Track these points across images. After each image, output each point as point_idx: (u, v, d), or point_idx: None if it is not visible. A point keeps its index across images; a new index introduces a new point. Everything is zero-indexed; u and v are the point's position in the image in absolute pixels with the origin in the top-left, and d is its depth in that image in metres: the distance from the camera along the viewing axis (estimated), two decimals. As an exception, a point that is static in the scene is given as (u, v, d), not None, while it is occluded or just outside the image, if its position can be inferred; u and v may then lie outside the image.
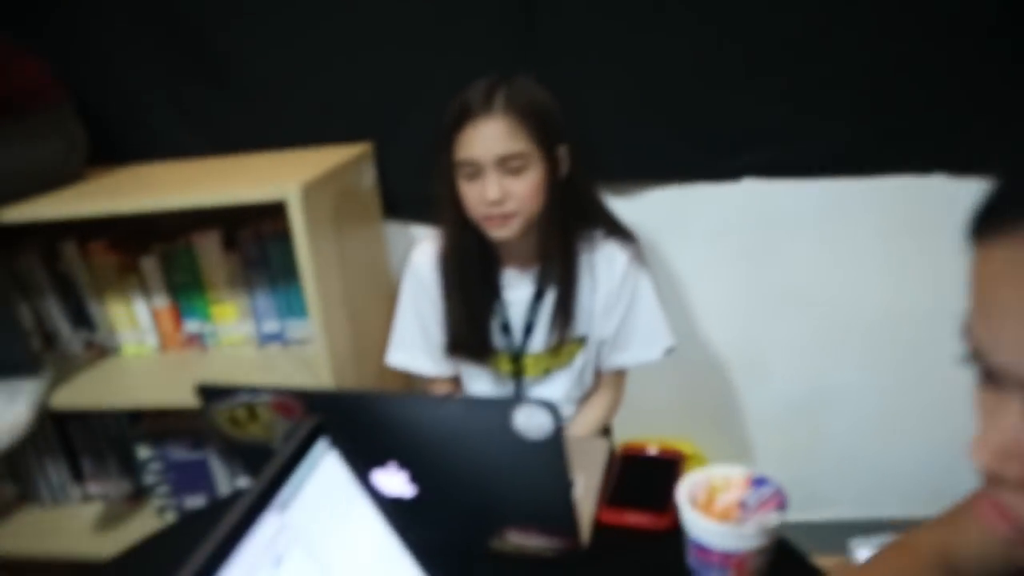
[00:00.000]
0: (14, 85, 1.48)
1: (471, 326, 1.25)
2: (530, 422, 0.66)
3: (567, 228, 1.19)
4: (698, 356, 1.80)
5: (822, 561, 0.82)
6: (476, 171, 1.12)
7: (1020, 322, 0.38)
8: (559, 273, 1.20)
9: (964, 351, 0.43)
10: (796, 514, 1.86)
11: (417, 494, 0.77)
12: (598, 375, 1.34)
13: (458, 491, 0.76)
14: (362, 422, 0.72)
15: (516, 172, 1.11)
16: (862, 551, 1.60)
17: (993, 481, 0.42)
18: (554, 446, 0.68)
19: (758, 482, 0.78)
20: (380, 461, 0.75)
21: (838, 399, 1.79)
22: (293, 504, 0.60)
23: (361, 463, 0.68)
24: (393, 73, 1.60)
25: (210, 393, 0.76)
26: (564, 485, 0.73)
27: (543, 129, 1.12)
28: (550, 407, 0.65)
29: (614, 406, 1.36)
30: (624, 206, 1.68)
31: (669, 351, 1.27)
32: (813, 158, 1.57)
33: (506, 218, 1.13)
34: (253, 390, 0.74)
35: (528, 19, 1.52)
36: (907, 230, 1.60)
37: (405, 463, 0.75)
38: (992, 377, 0.41)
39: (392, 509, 0.69)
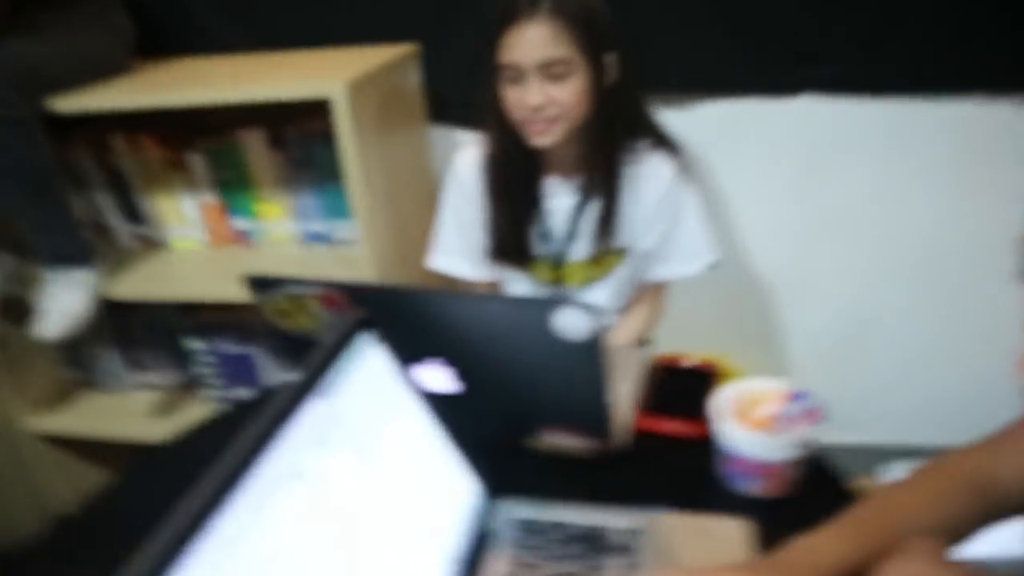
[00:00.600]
0: None
1: (513, 232, 1.24)
2: (570, 323, 0.66)
3: (612, 138, 1.16)
4: (744, 275, 1.78)
5: (858, 484, 0.82)
6: (518, 75, 1.09)
7: None
8: (602, 184, 1.18)
9: (1019, 263, 0.41)
10: (845, 436, 1.88)
11: (460, 390, 0.79)
12: (639, 287, 1.33)
13: (498, 389, 0.78)
14: (407, 318, 0.73)
15: (559, 78, 1.08)
16: (891, 476, 1.61)
17: None
18: (592, 348, 0.68)
19: (797, 396, 0.78)
20: (423, 357, 0.77)
21: (884, 325, 1.77)
22: (338, 392, 0.62)
23: (405, 358, 0.69)
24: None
25: (258, 283, 0.77)
26: (600, 387, 0.74)
27: (589, 35, 1.07)
28: (591, 309, 0.65)
29: (654, 319, 1.36)
30: (676, 119, 1.62)
31: (712, 266, 1.25)
32: (874, 76, 1.50)
33: (548, 124, 1.11)
34: (300, 282, 0.75)
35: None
36: (965, 159, 1.55)
37: (448, 359, 0.77)
38: None
39: (435, 403, 0.70)
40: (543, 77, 1.08)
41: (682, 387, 0.96)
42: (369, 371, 0.66)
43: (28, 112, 1.35)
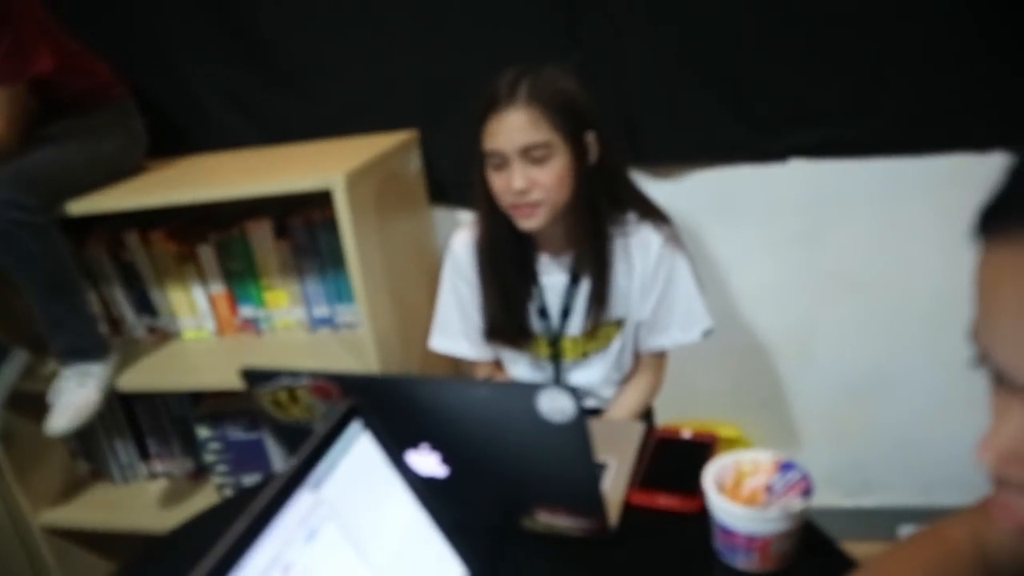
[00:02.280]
0: (84, 83, 1.57)
1: (507, 313, 1.27)
2: (553, 406, 0.68)
3: (598, 214, 1.20)
4: (746, 339, 1.79)
5: (871, 548, 0.81)
6: (502, 161, 1.13)
7: (1017, 327, 0.37)
8: (592, 260, 1.21)
9: (974, 353, 0.42)
10: (847, 499, 1.85)
11: (449, 474, 0.80)
12: (638, 357, 1.35)
13: (488, 472, 0.79)
14: (395, 405, 0.75)
15: (540, 161, 1.12)
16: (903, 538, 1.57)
17: (998, 483, 0.42)
18: (577, 430, 0.69)
19: (786, 467, 0.78)
20: (413, 443, 0.79)
21: (891, 383, 1.75)
22: (327, 482, 0.64)
23: (395, 444, 0.71)
24: (437, 61, 1.63)
25: (253, 377, 0.80)
26: (589, 467, 0.75)
27: (568, 118, 1.12)
28: (571, 392, 0.67)
29: (654, 388, 1.36)
30: (671, 188, 1.68)
31: (707, 333, 1.26)
32: (864, 138, 1.53)
33: (533, 208, 1.14)
34: (293, 374, 0.78)
35: (571, 3, 1.52)
36: (962, 210, 1.54)
37: (437, 445, 0.78)
38: (999, 379, 0.41)
39: (425, 488, 0.72)
40: (525, 161, 1.12)
41: (681, 459, 0.97)
42: (359, 459, 0.68)
43: (48, 217, 1.42)
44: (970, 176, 1.52)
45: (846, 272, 1.68)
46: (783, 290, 1.73)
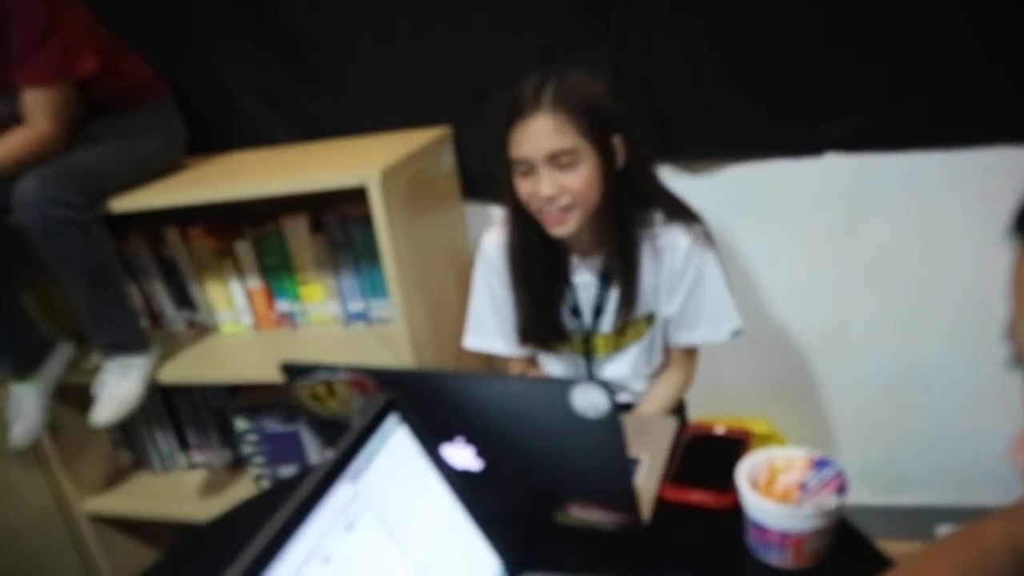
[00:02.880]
0: (125, 83, 1.61)
1: (539, 316, 1.27)
2: (586, 402, 0.69)
3: (625, 217, 1.19)
4: (779, 335, 1.78)
5: (907, 547, 0.81)
6: (529, 168, 1.13)
7: None
8: (620, 262, 1.20)
9: (1010, 353, 0.42)
10: (884, 497, 1.83)
11: (484, 468, 0.81)
12: (668, 352, 1.35)
13: (522, 466, 0.80)
14: (431, 399, 0.76)
15: (568, 167, 1.11)
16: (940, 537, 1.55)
17: None
18: (610, 425, 0.70)
19: (820, 464, 0.78)
20: (449, 436, 0.80)
21: (927, 378, 1.73)
22: (365, 475, 0.65)
23: (431, 438, 0.72)
24: (470, 58, 1.64)
25: (292, 371, 0.82)
26: (622, 463, 0.76)
27: (593, 122, 1.11)
28: (605, 387, 0.67)
29: (685, 383, 1.36)
30: (704, 183, 1.67)
31: (736, 334, 1.25)
32: (898, 131, 1.52)
33: (563, 213, 1.14)
34: (331, 368, 0.79)
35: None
36: (997, 203, 1.52)
37: (472, 439, 0.79)
38: None
39: (460, 481, 0.73)
40: (553, 168, 1.11)
41: (714, 455, 0.97)
42: (396, 452, 0.69)
43: (92, 215, 1.46)
44: (1006, 169, 1.50)
45: (880, 266, 1.66)
46: (817, 285, 1.72)
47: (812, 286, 1.72)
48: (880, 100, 1.49)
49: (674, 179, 1.68)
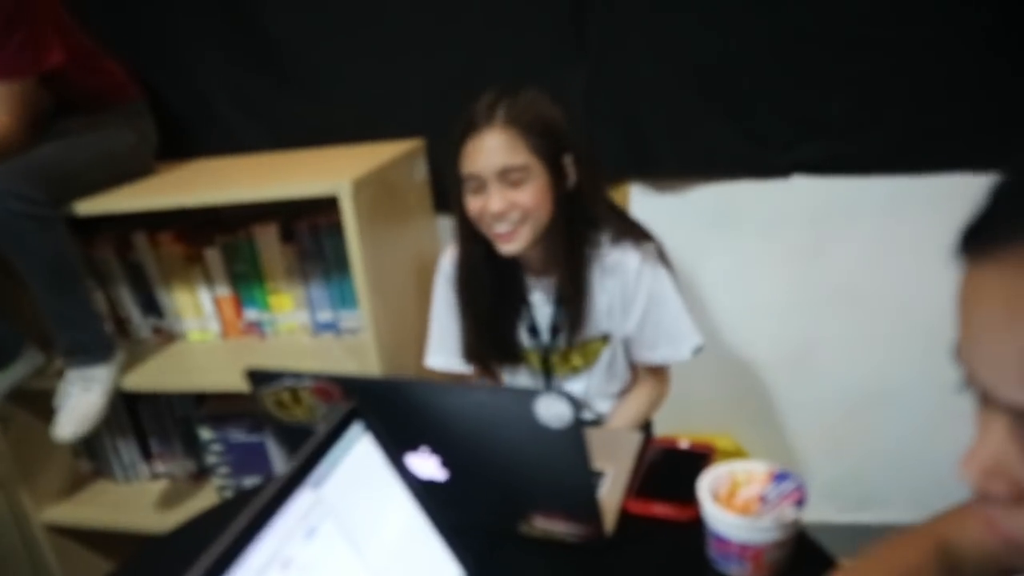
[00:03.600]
0: (99, 82, 1.60)
1: (481, 336, 1.28)
2: (550, 412, 0.69)
3: (574, 238, 1.19)
4: (746, 353, 1.80)
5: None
6: (480, 185, 1.13)
7: (999, 343, 0.38)
8: (570, 282, 1.21)
9: (960, 375, 0.43)
10: (849, 515, 1.85)
11: (448, 477, 0.81)
12: (634, 369, 1.35)
13: (487, 476, 0.80)
14: (396, 407, 0.76)
15: (518, 184, 1.12)
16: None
17: (981, 497, 0.43)
18: (574, 436, 0.71)
19: (780, 477, 0.79)
20: (413, 445, 0.80)
21: (891, 398, 1.76)
22: (327, 482, 0.65)
23: (395, 446, 0.72)
24: (445, 71, 1.65)
25: (258, 377, 0.81)
26: (586, 474, 0.76)
27: (546, 141, 1.12)
28: (569, 398, 0.68)
29: (656, 400, 1.37)
30: (673, 202, 1.69)
31: (697, 351, 1.26)
32: (866, 155, 1.55)
33: (513, 231, 1.14)
34: (296, 375, 0.79)
35: (578, 15, 1.54)
36: (959, 227, 1.56)
37: (436, 447, 0.79)
38: (983, 396, 0.42)
39: (423, 491, 0.73)
40: (503, 184, 1.12)
41: (677, 469, 0.97)
42: (359, 460, 0.69)
43: (54, 211, 1.43)
44: (971, 195, 1.53)
45: (846, 287, 1.69)
46: (783, 304, 1.75)
47: (780, 305, 1.75)
48: (849, 124, 1.53)
49: (646, 197, 1.70)
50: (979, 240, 0.40)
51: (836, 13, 1.44)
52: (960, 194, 1.51)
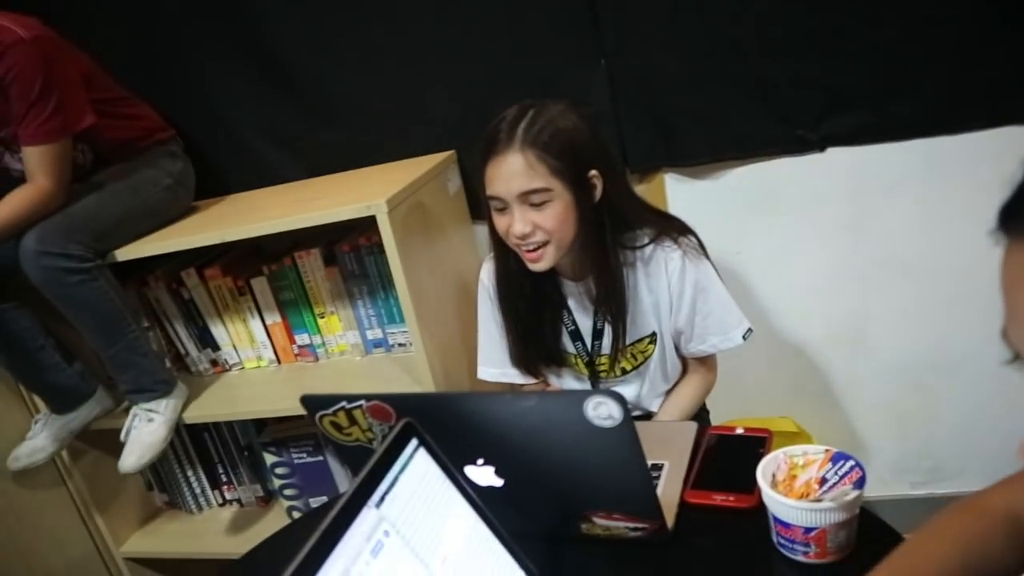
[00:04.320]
0: (128, 130, 1.65)
1: (526, 343, 1.29)
2: (600, 412, 0.70)
3: (605, 248, 1.18)
4: (799, 333, 1.77)
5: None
6: (503, 205, 1.13)
7: None
8: (608, 288, 1.20)
9: (1010, 353, 0.42)
10: (924, 489, 1.80)
11: (505, 485, 0.82)
12: (684, 362, 1.35)
13: (543, 480, 0.81)
14: (449, 421, 0.77)
15: (540, 206, 1.11)
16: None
17: None
18: (626, 433, 0.71)
19: (838, 458, 0.78)
20: (469, 456, 0.81)
21: (952, 367, 1.71)
22: (388, 499, 0.66)
23: (451, 459, 0.73)
24: (467, 79, 1.67)
25: (312, 403, 0.83)
26: (642, 470, 0.76)
27: (568, 161, 1.09)
28: (616, 396, 0.68)
29: (705, 388, 1.36)
30: (710, 187, 1.68)
31: (747, 335, 1.26)
32: (899, 121, 1.51)
33: (538, 250, 1.14)
34: (350, 398, 0.81)
35: (594, 14, 1.54)
36: (1005, 183, 1.52)
37: (491, 457, 0.80)
38: None
39: (483, 500, 0.74)
40: (525, 206, 1.11)
41: (735, 456, 0.97)
42: (418, 475, 0.71)
43: (95, 264, 1.48)
44: (1013, 149, 1.49)
45: (896, 257, 1.65)
46: (833, 280, 1.71)
47: (828, 282, 1.72)
48: (878, 92, 1.49)
49: (681, 186, 1.69)
50: (1017, 219, 0.39)
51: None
52: (1001, 150, 1.47)
